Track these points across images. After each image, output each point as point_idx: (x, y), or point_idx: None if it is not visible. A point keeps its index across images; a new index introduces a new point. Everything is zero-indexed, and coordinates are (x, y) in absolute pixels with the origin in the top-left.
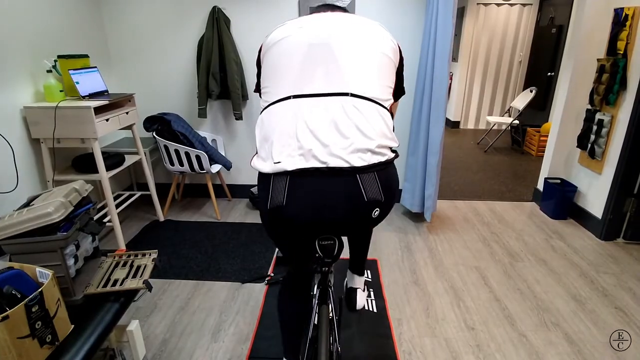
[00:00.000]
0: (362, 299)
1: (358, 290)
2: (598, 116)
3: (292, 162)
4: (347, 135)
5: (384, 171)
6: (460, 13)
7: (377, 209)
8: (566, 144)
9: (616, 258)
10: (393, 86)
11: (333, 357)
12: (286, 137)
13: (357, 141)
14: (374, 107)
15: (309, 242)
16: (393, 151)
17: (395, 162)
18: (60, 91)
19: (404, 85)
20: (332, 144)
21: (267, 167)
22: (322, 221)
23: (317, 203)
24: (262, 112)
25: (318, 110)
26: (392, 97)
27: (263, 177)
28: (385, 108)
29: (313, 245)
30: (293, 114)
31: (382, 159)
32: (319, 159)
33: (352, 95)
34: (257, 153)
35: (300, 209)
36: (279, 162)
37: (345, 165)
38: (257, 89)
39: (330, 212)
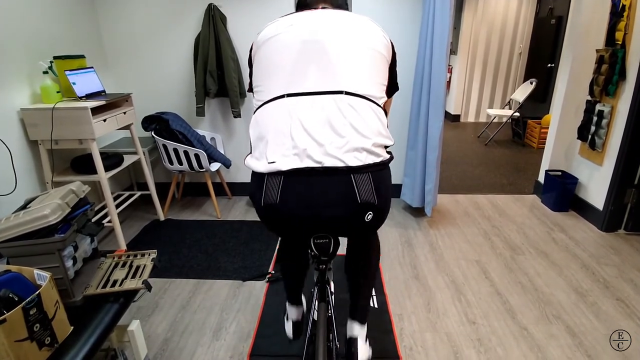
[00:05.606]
0: (365, 353)
1: (359, 340)
2: (598, 107)
3: (287, 162)
4: (342, 134)
5: (378, 173)
6: (459, 5)
7: (370, 212)
8: (567, 136)
9: (617, 249)
10: (386, 83)
11: (332, 355)
12: (281, 136)
13: (352, 140)
14: (368, 105)
15: (303, 240)
16: (388, 152)
17: (395, 157)
18: (57, 92)
19: (398, 80)
20: (328, 143)
21: (261, 167)
22: (315, 218)
23: (311, 201)
24: (255, 111)
25: (313, 109)
26: (385, 95)
27: (257, 175)
28: (379, 106)
29: (307, 243)
30: (287, 112)
31: (378, 159)
32: (313, 159)
33: (346, 93)
34: (250, 152)
35: (294, 207)
36: (273, 162)
37: (341, 165)
38: (250, 88)
39: (324, 209)
